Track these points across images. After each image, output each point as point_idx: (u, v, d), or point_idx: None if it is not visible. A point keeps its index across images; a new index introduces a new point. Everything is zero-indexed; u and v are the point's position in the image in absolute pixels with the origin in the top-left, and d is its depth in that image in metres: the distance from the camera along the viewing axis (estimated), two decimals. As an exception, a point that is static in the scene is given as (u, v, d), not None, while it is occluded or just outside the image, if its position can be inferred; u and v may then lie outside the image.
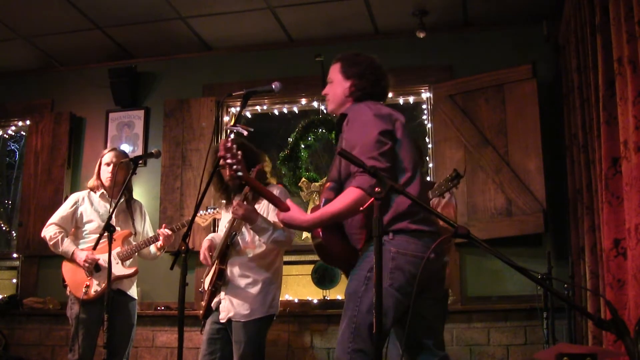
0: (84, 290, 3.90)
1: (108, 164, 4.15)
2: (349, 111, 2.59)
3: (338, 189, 2.51)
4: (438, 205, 3.75)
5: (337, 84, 2.71)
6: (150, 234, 4.26)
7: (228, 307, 3.52)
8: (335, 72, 2.73)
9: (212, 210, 3.99)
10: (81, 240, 4.10)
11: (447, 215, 3.59)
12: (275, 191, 3.65)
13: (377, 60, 2.73)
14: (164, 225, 4.13)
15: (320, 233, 2.48)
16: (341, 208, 2.38)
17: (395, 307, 2.39)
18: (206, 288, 3.61)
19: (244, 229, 3.59)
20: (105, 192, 4.16)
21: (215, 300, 3.58)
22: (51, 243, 4.05)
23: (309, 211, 2.71)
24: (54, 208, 4.36)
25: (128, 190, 4.15)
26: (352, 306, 2.41)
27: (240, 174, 2.67)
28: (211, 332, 3.56)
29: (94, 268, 3.97)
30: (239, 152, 2.64)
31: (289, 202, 2.56)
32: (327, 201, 2.48)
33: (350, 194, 2.37)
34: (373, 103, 2.59)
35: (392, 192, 2.24)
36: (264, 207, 3.59)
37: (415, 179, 2.51)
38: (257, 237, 3.55)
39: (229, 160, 2.66)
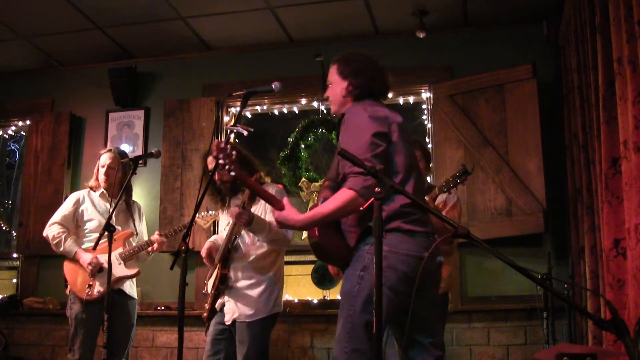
0: (87, 290, 3.90)
1: (103, 166, 4.16)
2: (347, 112, 2.60)
3: (335, 188, 2.50)
4: (445, 203, 3.74)
5: (336, 85, 2.71)
6: (145, 236, 4.25)
7: (233, 308, 3.52)
8: (333, 74, 2.73)
9: (213, 212, 3.99)
10: (82, 239, 4.09)
11: (451, 217, 3.60)
12: (272, 190, 3.65)
13: (373, 57, 2.73)
14: (156, 232, 4.13)
15: (317, 232, 2.49)
16: (332, 209, 2.39)
17: (387, 306, 2.37)
18: (209, 291, 3.62)
19: (244, 232, 3.59)
20: (105, 191, 4.16)
21: (220, 301, 3.58)
22: (54, 242, 4.04)
23: (308, 210, 2.71)
24: (54, 208, 4.36)
25: (127, 191, 4.14)
26: (347, 306, 2.41)
27: (233, 173, 2.65)
28: (215, 332, 3.57)
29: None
30: (233, 153, 2.62)
31: (285, 201, 2.56)
32: (324, 200, 2.49)
33: (342, 195, 2.38)
34: (371, 104, 2.58)
35: (392, 192, 2.25)
36: (260, 208, 3.59)
37: (409, 182, 2.51)
38: (257, 238, 3.55)
39: (221, 161, 2.64)
